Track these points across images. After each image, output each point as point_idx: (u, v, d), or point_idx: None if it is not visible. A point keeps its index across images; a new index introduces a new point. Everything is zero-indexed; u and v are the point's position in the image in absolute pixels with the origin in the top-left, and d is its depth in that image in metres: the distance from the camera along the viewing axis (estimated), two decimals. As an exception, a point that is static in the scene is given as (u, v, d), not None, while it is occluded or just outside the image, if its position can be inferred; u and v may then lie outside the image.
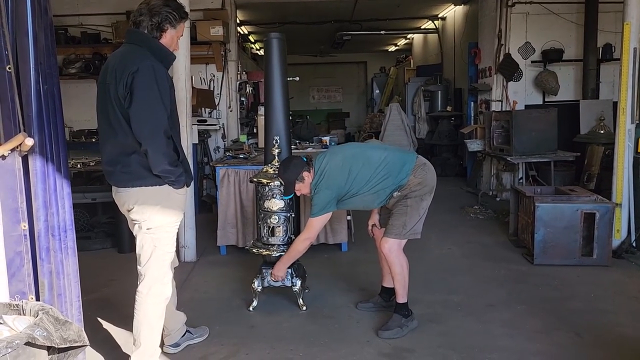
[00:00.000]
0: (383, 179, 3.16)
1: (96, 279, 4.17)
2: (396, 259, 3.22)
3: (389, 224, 3.23)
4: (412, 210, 3.17)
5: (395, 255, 3.22)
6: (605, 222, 4.28)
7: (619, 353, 2.93)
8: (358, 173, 3.18)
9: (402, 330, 3.20)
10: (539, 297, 3.74)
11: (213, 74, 7.44)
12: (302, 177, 3.24)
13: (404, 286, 3.26)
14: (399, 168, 3.18)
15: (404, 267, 3.25)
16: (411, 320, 3.26)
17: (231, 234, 4.82)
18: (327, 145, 6.17)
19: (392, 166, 3.18)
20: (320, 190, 3.20)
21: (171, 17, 2.60)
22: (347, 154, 3.29)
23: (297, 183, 3.25)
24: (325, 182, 3.20)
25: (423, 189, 3.18)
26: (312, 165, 3.30)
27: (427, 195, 3.21)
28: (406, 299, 3.28)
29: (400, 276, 3.24)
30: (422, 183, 3.18)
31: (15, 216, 2.29)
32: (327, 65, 17.67)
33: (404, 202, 3.19)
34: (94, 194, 5.06)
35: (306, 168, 3.26)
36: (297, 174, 3.23)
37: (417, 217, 3.20)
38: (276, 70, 3.79)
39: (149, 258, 2.62)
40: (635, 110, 4.60)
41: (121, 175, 2.57)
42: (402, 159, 3.23)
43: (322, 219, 3.25)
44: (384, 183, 3.17)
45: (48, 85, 2.38)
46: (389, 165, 3.19)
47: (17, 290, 2.29)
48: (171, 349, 3.01)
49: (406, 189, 3.17)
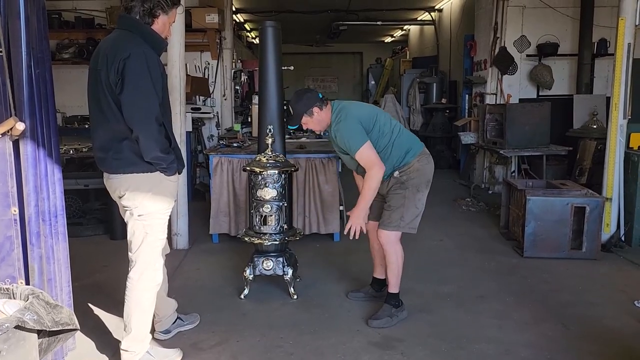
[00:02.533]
0: (396, 144, 3.18)
1: (88, 265, 4.17)
2: (392, 249, 3.24)
3: (385, 216, 3.23)
4: (408, 202, 3.18)
5: (391, 246, 3.23)
6: (595, 216, 4.32)
7: (605, 345, 2.96)
8: (383, 123, 3.20)
9: (391, 320, 3.22)
10: (528, 289, 3.78)
11: (208, 61, 7.40)
12: (312, 112, 3.20)
13: (397, 276, 3.28)
14: (408, 145, 3.22)
15: (400, 257, 3.27)
16: (401, 311, 3.29)
17: (224, 222, 4.83)
18: (321, 135, 6.16)
19: (404, 139, 3.23)
20: (343, 121, 3.12)
21: (163, 3, 2.58)
22: (374, 107, 3.34)
23: (305, 116, 3.21)
24: (349, 111, 3.15)
25: (420, 178, 3.19)
26: (328, 103, 3.27)
27: (423, 186, 3.22)
28: (398, 289, 3.30)
29: (395, 265, 3.26)
30: (420, 171, 3.19)
31: (5, 200, 2.28)
32: (323, 55, 17.62)
33: (400, 193, 3.19)
34: (87, 180, 5.04)
35: (319, 104, 3.21)
36: (307, 107, 3.19)
37: (415, 210, 3.20)
38: (271, 59, 3.78)
39: (140, 245, 2.62)
40: (627, 106, 4.63)
41: (113, 161, 2.56)
42: (413, 139, 3.30)
43: (368, 146, 3.07)
44: (396, 149, 3.17)
45: (40, 69, 2.36)
46: (403, 137, 3.23)
47: (6, 275, 2.29)
48: (162, 335, 3.02)
49: (405, 172, 3.18)
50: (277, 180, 3.52)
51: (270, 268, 3.58)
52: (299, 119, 3.24)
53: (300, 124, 3.28)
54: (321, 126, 3.30)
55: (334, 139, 3.25)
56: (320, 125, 3.29)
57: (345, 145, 3.14)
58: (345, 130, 3.11)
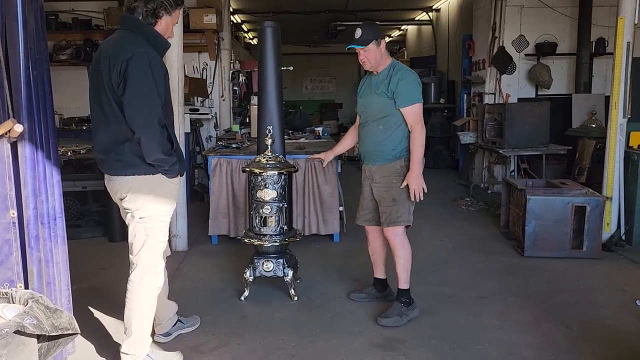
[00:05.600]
0: None
1: (86, 267, 4.14)
2: (401, 243, 3.24)
3: (392, 213, 3.21)
4: (408, 196, 3.19)
5: (400, 240, 3.24)
6: (596, 215, 4.31)
7: (607, 345, 2.95)
8: None
9: (401, 319, 3.19)
10: (529, 290, 3.77)
11: (206, 62, 7.38)
12: (380, 43, 3.20)
13: (406, 270, 3.27)
14: None
15: (408, 251, 3.26)
16: (412, 309, 3.26)
17: (223, 224, 4.80)
18: (320, 135, 6.15)
19: None
20: (411, 73, 3.21)
21: (166, 3, 2.56)
22: None
23: (373, 43, 3.17)
24: (407, 70, 3.22)
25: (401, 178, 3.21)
26: None
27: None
28: (408, 285, 3.28)
29: (404, 260, 3.25)
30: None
31: (3, 203, 2.26)
32: (321, 55, 17.59)
33: (395, 190, 3.19)
34: (85, 182, 5.02)
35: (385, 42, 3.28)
36: (378, 35, 3.19)
37: (413, 202, 3.23)
38: (270, 59, 3.76)
39: (141, 247, 2.60)
40: (627, 105, 4.62)
41: (114, 163, 2.54)
42: None
43: (421, 106, 3.18)
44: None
45: (38, 71, 2.34)
46: None
47: (5, 278, 2.27)
48: (162, 338, 3.00)
49: (396, 166, 3.20)
50: (277, 181, 3.51)
51: (271, 269, 3.56)
52: (368, 42, 3.17)
53: (362, 50, 3.20)
54: (376, 62, 3.23)
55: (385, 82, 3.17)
56: (375, 61, 3.22)
57: (403, 92, 3.12)
58: (412, 82, 3.18)
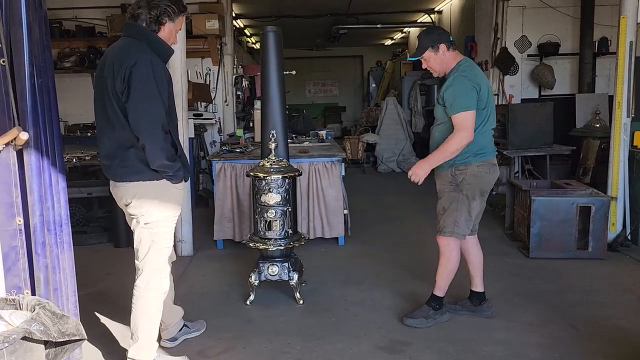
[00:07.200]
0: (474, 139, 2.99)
1: (92, 273, 4.16)
2: (449, 254, 3.15)
3: (439, 222, 3.14)
4: (462, 207, 3.07)
5: (449, 250, 3.14)
6: (601, 215, 4.30)
7: (614, 345, 2.94)
8: (485, 114, 3.06)
9: (427, 322, 3.17)
10: (535, 290, 3.76)
11: (209, 67, 7.41)
12: (438, 48, 3.09)
13: (446, 280, 3.21)
14: (481, 146, 3.06)
15: (452, 262, 3.17)
16: (441, 315, 3.22)
17: (228, 228, 4.82)
18: (324, 139, 6.16)
19: (483, 139, 3.07)
20: (463, 77, 3.00)
21: (170, 10, 2.58)
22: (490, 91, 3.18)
23: (430, 50, 3.10)
24: (475, 74, 3.04)
25: (474, 185, 3.06)
26: (456, 49, 3.17)
27: (477, 195, 3.09)
28: (443, 293, 3.23)
29: (446, 270, 3.18)
30: (477, 177, 3.05)
31: (10, 210, 2.28)
32: (324, 59, 17.63)
33: (454, 196, 3.07)
34: (90, 188, 5.04)
35: (447, 43, 3.10)
36: (435, 42, 3.09)
37: (468, 217, 3.10)
38: (273, 63, 3.78)
39: (146, 253, 2.61)
40: (631, 104, 4.61)
41: (119, 169, 2.56)
42: (490, 144, 3.15)
43: (470, 114, 2.95)
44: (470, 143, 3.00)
45: (43, 78, 2.36)
46: (484, 136, 3.09)
47: (12, 285, 2.28)
48: (168, 343, 3.01)
49: (462, 173, 3.05)
50: (281, 185, 3.51)
51: (276, 273, 3.56)
52: (423, 50, 3.12)
53: (422, 59, 3.16)
54: (442, 67, 3.14)
55: (443, 88, 3.09)
56: (440, 66, 3.14)
57: (449, 100, 2.99)
58: (458, 89, 2.98)
